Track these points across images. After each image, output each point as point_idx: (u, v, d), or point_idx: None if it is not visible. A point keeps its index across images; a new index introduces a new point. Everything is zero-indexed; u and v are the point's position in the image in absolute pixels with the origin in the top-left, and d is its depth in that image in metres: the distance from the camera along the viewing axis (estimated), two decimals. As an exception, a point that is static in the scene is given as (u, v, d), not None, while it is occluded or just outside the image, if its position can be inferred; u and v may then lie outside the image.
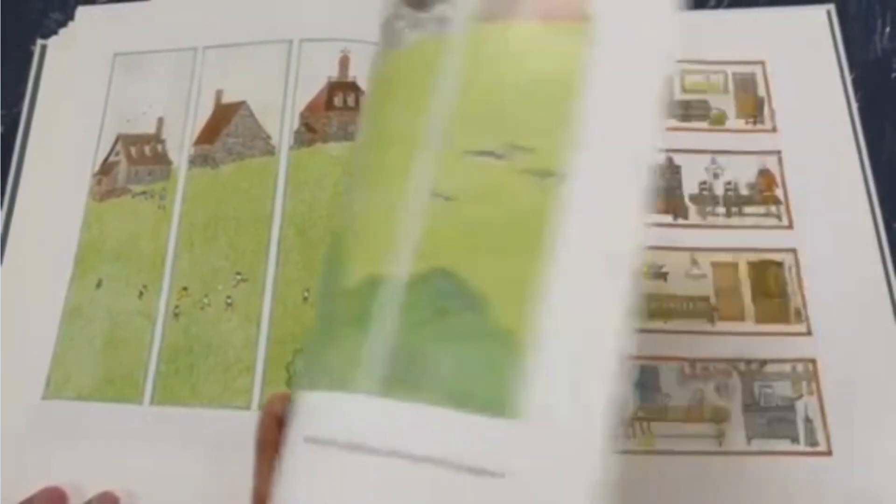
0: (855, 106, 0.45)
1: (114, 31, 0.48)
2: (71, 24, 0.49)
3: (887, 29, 0.49)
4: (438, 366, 0.22)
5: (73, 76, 0.47)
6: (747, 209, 0.43)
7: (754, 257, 0.42)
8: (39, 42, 0.49)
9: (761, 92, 0.46)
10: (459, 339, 0.22)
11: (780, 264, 0.42)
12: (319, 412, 0.23)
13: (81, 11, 0.49)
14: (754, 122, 0.45)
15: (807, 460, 0.38)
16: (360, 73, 0.46)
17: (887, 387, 0.39)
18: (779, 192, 0.43)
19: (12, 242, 0.44)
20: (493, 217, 0.23)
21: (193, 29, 0.47)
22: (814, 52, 0.47)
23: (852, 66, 0.46)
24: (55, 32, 0.49)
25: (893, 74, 0.48)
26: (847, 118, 0.45)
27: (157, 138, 0.46)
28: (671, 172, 0.44)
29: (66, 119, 0.46)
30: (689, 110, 0.45)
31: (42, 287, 0.43)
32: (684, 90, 0.46)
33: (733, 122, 0.45)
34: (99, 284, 0.42)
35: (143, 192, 0.44)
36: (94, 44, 0.48)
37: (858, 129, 0.45)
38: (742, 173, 0.44)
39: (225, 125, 0.45)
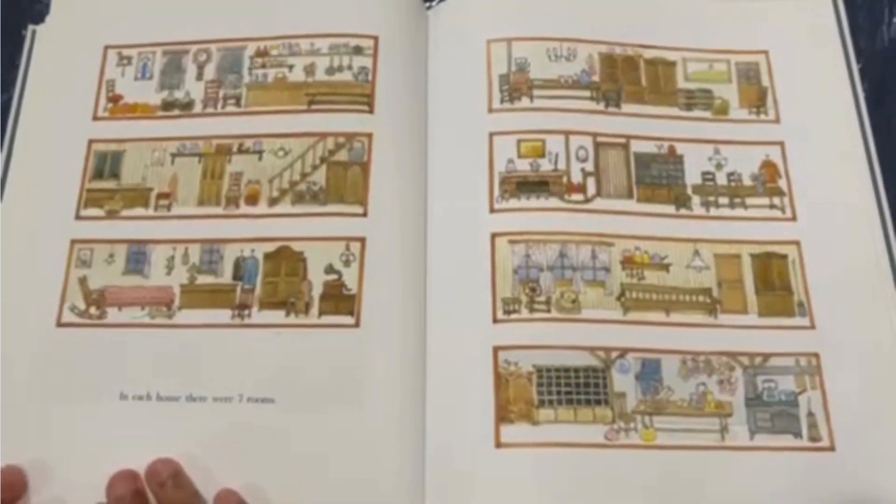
0: (862, 95, 0.46)
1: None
2: (52, 13, 0.50)
3: (894, 18, 0.50)
4: None
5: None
6: (750, 200, 0.45)
7: (757, 249, 0.43)
8: (30, 27, 0.50)
9: (765, 82, 0.47)
10: None
11: (783, 256, 0.43)
12: None
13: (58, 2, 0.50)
14: (757, 113, 0.46)
15: (809, 455, 0.39)
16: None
17: (891, 382, 0.41)
18: (782, 184, 0.45)
19: (4, 228, 0.45)
20: None
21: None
22: (818, 42, 0.48)
23: (859, 55, 0.48)
24: (43, 18, 0.50)
25: (901, 65, 0.49)
26: (852, 108, 0.46)
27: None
28: (673, 162, 0.45)
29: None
30: (692, 100, 0.47)
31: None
32: (687, 79, 0.47)
33: (736, 112, 0.46)
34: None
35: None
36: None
37: (865, 119, 0.46)
38: (745, 164, 0.45)
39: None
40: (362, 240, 0.43)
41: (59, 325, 0.43)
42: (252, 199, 0.45)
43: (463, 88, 0.46)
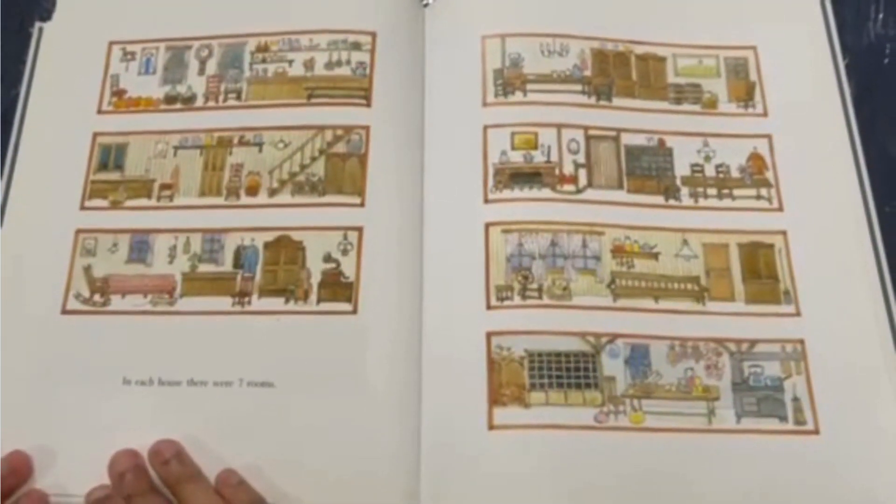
0: (848, 91, 0.48)
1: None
2: (57, 10, 0.51)
3: (880, 15, 0.51)
4: None
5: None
6: (738, 191, 0.46)
7: (745, 239, 0.45)
8: (38, 24, 0.51)
9: (753, 77, 0.49)
10: None
11: (770, 246, 0.45)
12: None
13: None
14: (745, 106, 0.48)
15: (794, 439, 0.41)
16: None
17: (873, 367, 0.42)
18: (769, 175, 0.46)
19: (11, 218, 0.47)
20: None
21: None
22: (805, 38, 0.50)
23: (846, 51, 0.49)
24: (50, 16, 0.52)
25: (886, 60, 0.50)
26: (839, 103, 0.48)
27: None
28: (663, 154, 0.47)
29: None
30: (682, 94, 0.48)
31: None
32: (677, 74, 0.49)
33: (725, 105, 0.48)
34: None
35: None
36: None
37: (851, 114, 0.48)
38: (733, 156, 0.47)
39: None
40: (360, 229, 0.45)
41: (64, 312, 0.44)
42: (252, 190, 0.46)
43: (458, 83, 0.48)
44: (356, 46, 0.49)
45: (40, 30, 0.51)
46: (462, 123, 0.47)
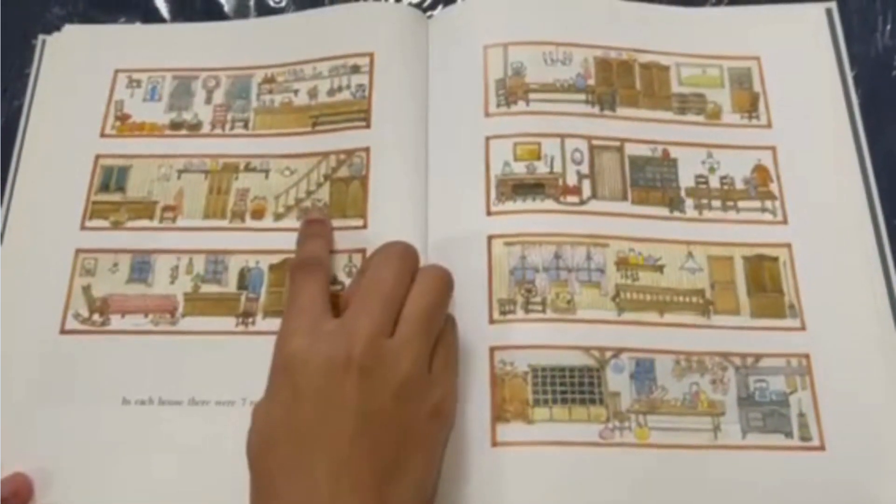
0: (856, 102, 0.48)
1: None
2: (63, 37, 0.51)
3: (888, 26, 0.51)
4: None
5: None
6: (742, 203, 0.46)
7: (749, 251, 0.44)
8: (41, 37, 0.51)
9: (756, 87, 0.48)
10: None
11: (774, 259, 0.44)
12: None
13: (68, 29, 0.52)
14: (749, 118, 0.48)
15: (800, 455, 0.40)
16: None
17: (880, 382, 0.42)
18: (773, 188, 0.46)
19: (9, 237, 0.46)
20: None
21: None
22: (810, 48, 0.49)
23: (853, 63, 0.49)
24: (57, 28, 0.52)
25: (894, 72, 0.50)
26: (844, 114, 0.47)
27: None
28: (667, 165, 0.46)
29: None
30: (686, 104, 0.48)
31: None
32: (681, 84, 0.48)
33: (729, 116, 0.48)
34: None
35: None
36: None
37: (859, 126, 0.47)
38: (738, 168, 0.46)
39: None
40: (363, 251, 0.44)
41: (63, 332, 0.44)
42: (258, 214, 0.46)
43: (460, 93, 0.47)
44: (355, 70, 0.49)
45: (43, 42, 0.51)
46: (464, 134, 0.47)
